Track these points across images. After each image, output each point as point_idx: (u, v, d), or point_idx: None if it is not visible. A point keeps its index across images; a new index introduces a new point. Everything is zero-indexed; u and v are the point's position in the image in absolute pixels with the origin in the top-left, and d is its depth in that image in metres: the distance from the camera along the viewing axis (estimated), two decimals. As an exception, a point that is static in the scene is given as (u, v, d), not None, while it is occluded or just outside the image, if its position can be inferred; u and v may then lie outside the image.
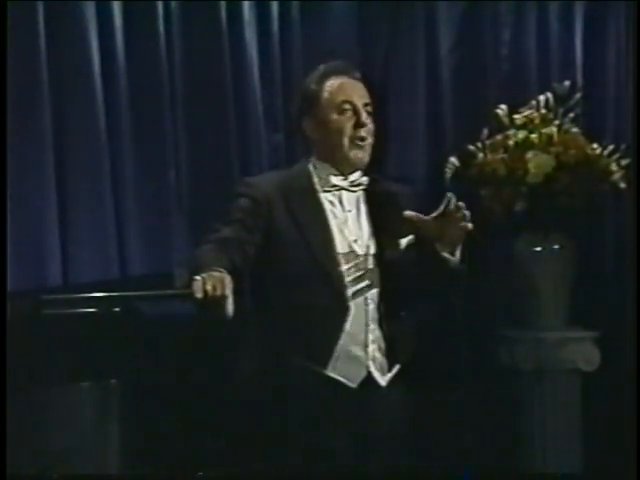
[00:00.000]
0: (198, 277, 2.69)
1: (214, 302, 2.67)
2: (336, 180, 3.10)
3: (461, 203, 2.95)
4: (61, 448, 3.63)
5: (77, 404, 3.66)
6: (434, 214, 2.96)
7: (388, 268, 3.06)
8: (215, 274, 2.71)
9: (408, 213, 2.97)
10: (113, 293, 3.72)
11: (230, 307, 2.70)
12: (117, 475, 3.73)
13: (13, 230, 4.22)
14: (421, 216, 2.97)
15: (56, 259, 4.35)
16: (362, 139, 3.07)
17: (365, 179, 3.13)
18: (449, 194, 2.97)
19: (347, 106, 3.07)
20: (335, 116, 3.07)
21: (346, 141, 3.07)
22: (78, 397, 3.67)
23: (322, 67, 3.14)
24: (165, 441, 4.14)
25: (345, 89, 3.08)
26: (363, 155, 3.09)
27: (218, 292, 2.66)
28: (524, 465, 4.59)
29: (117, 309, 3.65)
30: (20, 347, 3.48)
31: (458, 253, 3.03)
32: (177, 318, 3.84)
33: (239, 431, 3.10)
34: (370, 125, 3.09)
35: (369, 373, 3.03)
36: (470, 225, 2.96)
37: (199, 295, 2.65)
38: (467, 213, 2.95)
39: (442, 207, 2.95)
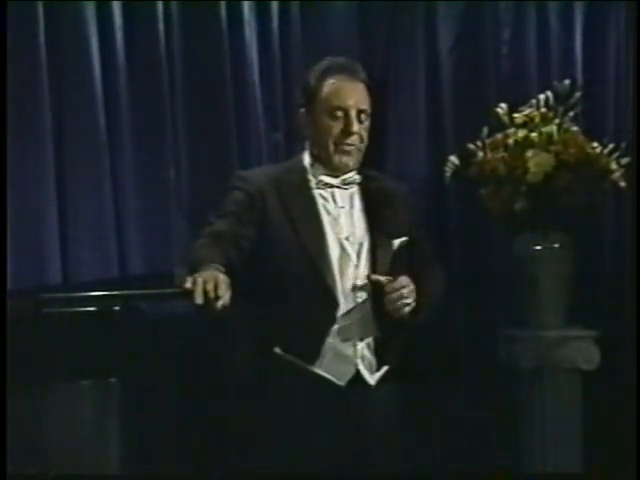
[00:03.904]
0: (195, 277, 2.68)
1: (213, 302, 2.67)
2: (327, 179, 3.09)
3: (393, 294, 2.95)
4: (61, 448, 3.62)
5: (77, 403, 3.66)
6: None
7: (379, 266, 3.06)
8: (212, 273, 2.72)
9: (373, 277, 2.99)
10: (113, 292, 3.72)
11: (227, 303, 2.70)
12: (117, 475, 3.72)
13: (13, 229, 4.22)
14: (381, 278, 2.98)
15: (56, 258, 4.36)
16: (348, 146, 3.07)
17: (358, 177, 3.12)
18: (389, 278, 2.97)
19: (339, 112, 3.06)
20: (326, 119, 3.06)
21: (332, 146, 3.06)
22: (78, 396, 3.66)
23: (326, 62, 3.13)
24: (165, 441, 4.14)
25: (341, 93, 3.07)
26: (348, 160, 3.08)
27: (217, 292, 2.66)
28: (524, 465, 4.59)
29: (117, 308, 3.64)
30: (20, 346, 3.47)
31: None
32: (177, 317, 3.84)
33: (232, 429, 3.10)
34: (362, 132, 3.08)
35: (358, 371, 3.02)
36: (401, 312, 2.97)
37: (199, 301, 2.64)
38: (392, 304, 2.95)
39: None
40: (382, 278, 2.99)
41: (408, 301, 2.97)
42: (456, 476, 4.52)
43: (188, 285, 2.68)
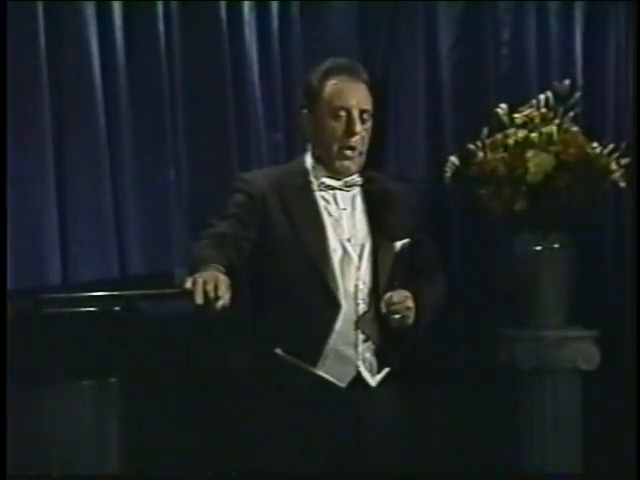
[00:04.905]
0: (195, 278, 2.69)
1: (213, 302, 2.67)
2: (329, 181, 3.09)
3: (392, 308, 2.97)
4: (61, 448, 3.62)
5: (77, 403, 3.66)
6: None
7: (381, 268, 3.06)
8: (212, 273, 2.72)
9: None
10: (113, 292, 3.72)
11: (227, 303, 2.70)
12: (117, 475, 3.72)
13: (13, 229, 4.22)
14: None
15: (56, 258, 4.36)
16: (351, 148, 3.05)
17: (360, 179, 3.12)
18: (387, 295, 2.98)
19: (342, 112, 3.04)
20: (329, 120, 3.05)
21: (335, 149, 3.05)
22: (78, 396, 3.66)
23: (328, 63, 3.12)
24: (165, 441, 4.14)
25: (344, 93, 3.06)
26: (350, 165, 3.07)
27: (217, 292, 2.67)
28: (524, 465, 4.59)
29: (117, 308, 3.64)
30: (20, 347, 3.47)
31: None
32: (177, 318, 3.84)
33: (233, 429, 3.10)
34: (364, 133, 3.06)
35: (358, 373, 3.02)
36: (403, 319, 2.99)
37: (199, 301, 2.65)
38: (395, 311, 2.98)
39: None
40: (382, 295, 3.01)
41: (405, 315, 2.97)
42: (456, 476, 4.52)
43: (188, 285, 2.68)
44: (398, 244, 3.09)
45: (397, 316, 2.97)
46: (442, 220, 4.83)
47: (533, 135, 4.50)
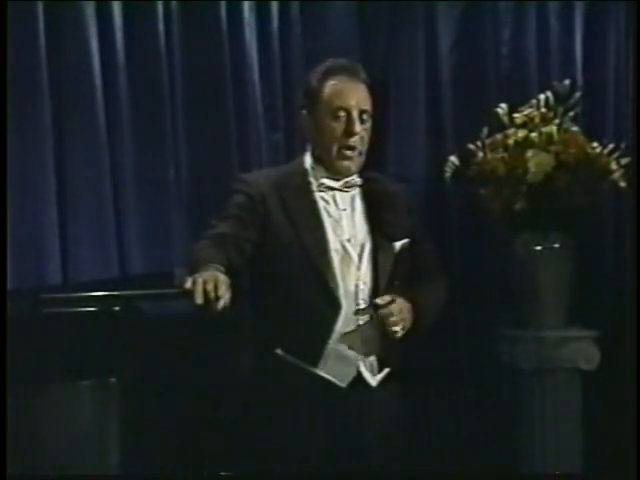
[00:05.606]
0: (195, 277, 2.69)
1: (213, 302, 2.68)
2: (329, 182, 3.09)
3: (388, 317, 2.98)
4: (61, 448, 3.62)
5: (77, 403, 3.66)
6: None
7: (381, 268, 3.06)
8: (212, 273, 2.72)
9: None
10: (113, 292, 3.72)
11: (227, 303, 2.70)
12: (117, 475, 3.72)
13: (13, 229, 4.22)
14: (378, 301, 3.00)
15: (56, 258, 4.36)
16: (351, 148, 3.05)
17: (359, 179, 3.12)
18: (386, 300, 2.99)
19: (342, 113, 3.05)
20: (329, 121, 3.06)
21: (335, 149, 3.05)
22: (78, 396, 3.66)
23: (327, 63, 3.12)
24: (165, 441, 4.14)
25: (343, 93, 3.06)
26: (350, 165, 3.07)
27: (217, 292, 2.67)
28: (524, 465, 4.59)
29: (117, 308, 3.64)
30: (20, 346, 3.47)
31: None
32: (177, 317, 3.84)
33: (233, 430, 3.10)
34: (364, 133, 3.07)
35: (359, 373, 3.03)
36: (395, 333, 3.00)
37: (199, 301, 2.65)
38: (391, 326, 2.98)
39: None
40: (379, 300, 3.00)
41: (398, 328, 2.98)
42: (456, 476, 4.52)
43: (188, 285, 2.68)
44: (398, 244, 3.10)
45: (389, 329, 2.98)
46: (442, 220, 4.83)
47: (533, 135, 4.49)
